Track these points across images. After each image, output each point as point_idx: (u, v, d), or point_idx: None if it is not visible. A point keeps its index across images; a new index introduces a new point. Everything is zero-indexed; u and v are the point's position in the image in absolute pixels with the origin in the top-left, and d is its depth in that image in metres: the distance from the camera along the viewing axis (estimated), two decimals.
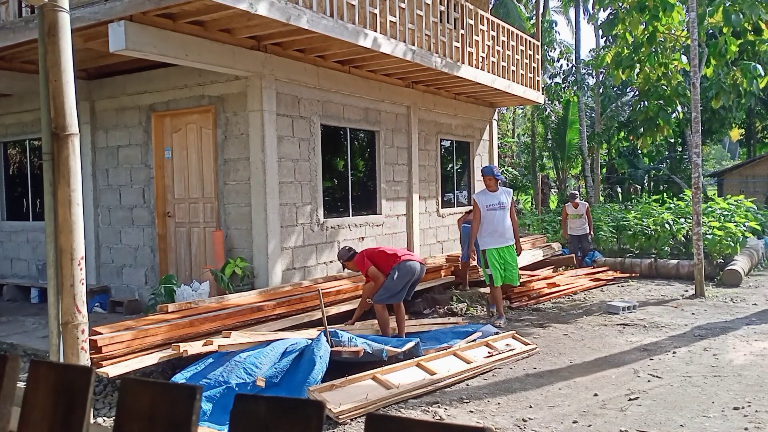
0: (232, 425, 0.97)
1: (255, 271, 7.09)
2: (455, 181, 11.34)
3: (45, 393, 1.10)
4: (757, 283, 10.15)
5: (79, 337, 3.26)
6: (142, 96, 7.92)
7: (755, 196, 17.95)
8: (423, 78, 9.27)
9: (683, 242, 11.98)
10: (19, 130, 9.29)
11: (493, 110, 12.25)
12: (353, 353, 5.18)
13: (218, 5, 5.41)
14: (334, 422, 4.22)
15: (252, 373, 4.72)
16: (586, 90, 24.12)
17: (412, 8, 7.80)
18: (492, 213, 7.34)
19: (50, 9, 3.20)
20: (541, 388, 5.02)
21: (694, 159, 9.27)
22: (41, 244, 8.76)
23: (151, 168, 7.89)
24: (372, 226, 8.87)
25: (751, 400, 4.58)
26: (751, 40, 9.27)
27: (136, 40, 5.59)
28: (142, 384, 1.04)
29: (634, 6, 9.34)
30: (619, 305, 7.94)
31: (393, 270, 6.12)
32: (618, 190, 28.70)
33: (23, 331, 6.81)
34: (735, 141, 35.29)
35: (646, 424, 4.20)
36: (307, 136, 7.69)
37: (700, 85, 9.26)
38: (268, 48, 7.04)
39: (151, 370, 5.15)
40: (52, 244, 3.25)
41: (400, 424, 0.88)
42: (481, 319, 7.60)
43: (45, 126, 3.25)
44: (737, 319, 7.43)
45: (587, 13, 24.49)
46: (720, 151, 48.09)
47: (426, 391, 4.86)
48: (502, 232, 7.34)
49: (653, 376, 5.26)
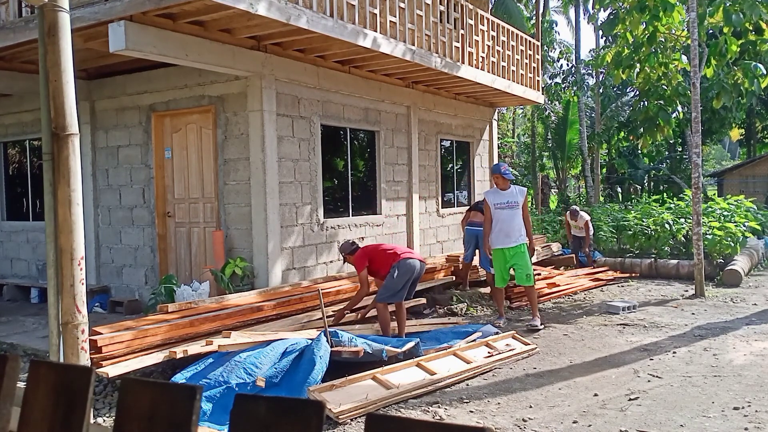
0: (232, 425, 0.97)
1: (255, 271, 7.09)
2: (455, 181, 11.34)
3: (45, 393, 1.10)
4: (757, 283, 10.15)
5: (79, 337, 3.25)
6: (142, 96, 7.92)
7: (755, 196, 17.95)
8: (423, 78, 9.27)
9: (683, 242, 11.97)
10: (19, 130, 9.29)
11: (493, 110, 12.25)
12: (353, 353, 5.18)
13: (218, 5, 5.41)
14: (334, 422, 4.22)
15: (252, 373, 4.72)
16: (586, 90, 24.11)
17: (412, 8, 7.80)
18: (499, 212, 7.20)
19: (50, 9, 3.20)
20: (541, 388, 5.02)
21: (694, 159, 9.27)
22: (41, 244, 8.76)
23: (151, 168, 7.89)
24: (372, 226, 8.87)
25: (751, 400, 4.58)
26: (752, 40, 9.27)
27: (136, 40, 5.59)
28: (142, 384, 1.04)
29: (634, 6, 9.34)
30: (619, 305, 7.94)
31: (393, 268, 6.10)
32: (618, 190, 28.69)
33: (23, 331, 6.81)
34: (735, 141, 35.29)
35: (646, 424, 4.20)
36: (307, 136, 7.69)
37: (701, 85, 9.26)
38: (268, 48, 7.04)
39: (151, 370, 5.15)
40: (52, 244, 3.25)
41: (400, 424, 0.88)
42: (481, 319, 7.60)
43: (45, 126, 3.24)
44: (737, 319, 7.43)
45: (587, 13, 24.48)
46: (720, 151, 48.08)
47: (426, 391, 4.86)
48: (508, 232, 7.16)
49: (653, 376, 5.26)
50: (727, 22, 8.67)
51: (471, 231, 8.58)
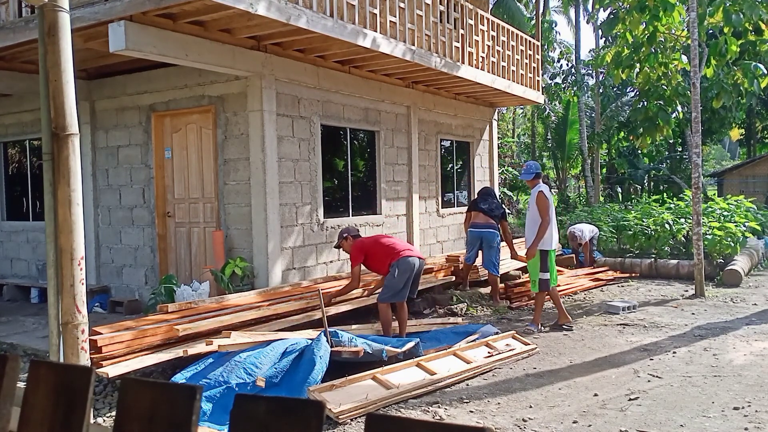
0: (232, 425, 0.97)
1: (255, 271, 7.09)
2: (455, 181, 11.34)
3: (45, 393, 1.10)
4: (757, 283, 10.15)
5: (79, 337, 3.25)
6: (142, 96, 7.92)
7: (755, 196, 17.96)
8: (423, 78, 9.27)
9: (683, 242, 11.97)
10: (19, 130, 9.29)
11: (493, 110, 12.25)
12: (353, 353, 5.18)
13: (218, 5, 5.41)
14: (334, 422, 4.22)
15: (252, 373, 4.72)
16: (586, 90, 24.11)
17: (412, 8, 7.80)
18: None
19: (50, 9, 3.20)
20: (541, 388, 5.02)
21: (694, 159, 9.27)
22: (41, 244, 8.76)
23: (151, 168, 7.89)
24: (372, 226, 8.87)
25: (751, 400, 4.58)
26: (752, 40, 9.27)
27: (136, 40, 5.59)
28: (142, 384, 1.04)
29: (634, 6, 9.34)
30: (619, 305, 7.94)
31: (392, 267, 6.06)
32: (618, 190, 28.70)
33: (23, 331, 6.81)
34: (735, 141, 35.30)
35: (646, 424, 4.20)
36: (307, 136, 7.69)
37: (701, 85, 9.26)
38: (268, 48, 7.05)
39: (151, 370, 5.15)
40: (52, 244, 3.25)
41: (400, 424, 0.88)
42: (481, 319, 7.60)
43: (45, 126, 3.24)
44: (737, 319, 7.43)
45: (587, 13, 24.50)
46: (720, 151, 48.09)
47: (426, 391, 4.86)
48: (553, 233, 6.92)
49: (653, 376, 5.26)
50: (727, 22, 8.67)
51: (475, 232, 8.47)
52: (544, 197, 6.89)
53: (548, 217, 6.83)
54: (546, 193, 6.94)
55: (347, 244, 6.30)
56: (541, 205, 6.88)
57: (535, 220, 6.90)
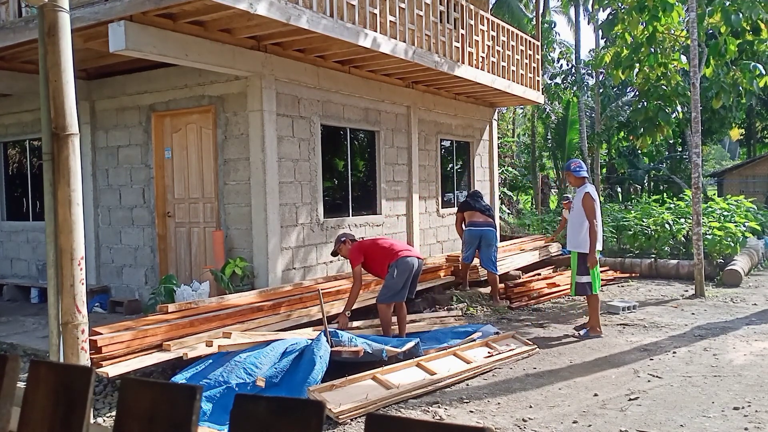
0: (232, 425, 0.97)
1: (255, 271, 7.09)
2: (455, 181, 11.34)
3: (45, 393, 1.10)
4: (757, 283, 10.15)
5: (79, 337, 3.25)
6: (142, 96, 7.92)
7: (755, 196, 17.96)
8: (423, 78, 9.27)
9: (683, 242, 11.97)
10: (19, 130, 9.29)
11: (493, 110, 12.25)
12: (353, 353, 5.18)
13: (218, 5, 5.41)
14: (334, 422, 4.22)
15: (252, 373, 4.72)
16: (586, 90, 24.10)
17: (412, 8, 7.80)
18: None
19: (50, 9, 3.20)
20: (541, 388, 5.02)
21: (694, 159, 9.27)
22: (41, 244, 8.76)
23: (151, 168, 7.89)
24: (372, 226, 8.87)
25: (751, 400, 4.58)
26: (750, 40, 9.27)
27: (136, 40, 5.59)
28: (142, 384, 1.04)
29: (633, 6, 9.34)
30: (619, 305, 7.94)
31: (391, 268, 6.08)
32: (618, 190, 28.70)
33: (23, 331, 6.81)
34: (735, 141, 35.30)
35: (646, 424, 4.20)
36: (307, 136, 7.69)
37: (700, 85, 9.27)
38: (268, 48, 7.04)
39: (151, 370, 5.15)
40: (52, 244, 3.25)
41: (400, 424, 0.88)
42: (481, 319, 7.60)
43: (45, 126, 3.24)
44: (737, 319, 7.43)
45: (587, 13, 24.48)
46: (720, 151, 48.06)
47: (426, 391, 4.86)
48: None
49: (653, 376, 5.26)
50: (726, 23, 8.67)
51: (473, 231, 8.46)
52: (590, 198, 6.56)
53: (596, 220, 6.52)
54: (593, 194, 6.63)
55: (345, 248, 6.32)
56: (587, 207, 6.56)
57: (580, 221, 6.62)
